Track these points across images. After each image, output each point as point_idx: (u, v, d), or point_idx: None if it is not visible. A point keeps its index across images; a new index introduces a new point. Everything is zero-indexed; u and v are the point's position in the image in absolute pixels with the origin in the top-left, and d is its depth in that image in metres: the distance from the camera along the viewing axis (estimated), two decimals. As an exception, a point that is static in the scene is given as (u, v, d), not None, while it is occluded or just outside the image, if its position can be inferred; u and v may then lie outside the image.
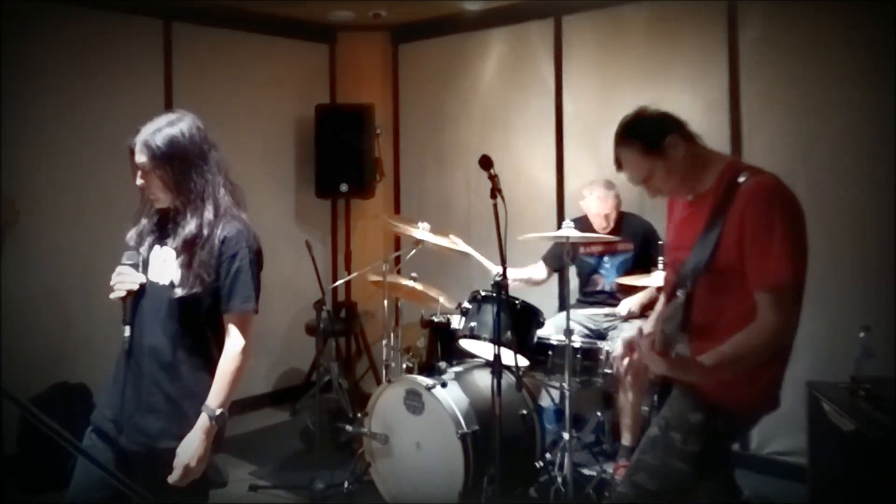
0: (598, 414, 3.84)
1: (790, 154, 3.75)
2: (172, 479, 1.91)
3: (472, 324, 3.41)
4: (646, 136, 2.06)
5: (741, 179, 1.98)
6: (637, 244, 3.89)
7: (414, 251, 3.89)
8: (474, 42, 5.06)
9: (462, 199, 5.11)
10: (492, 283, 3.08)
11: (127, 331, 2.02)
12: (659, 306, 2.38)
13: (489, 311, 3.31)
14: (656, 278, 3.48)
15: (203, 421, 1.94)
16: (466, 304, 3.50)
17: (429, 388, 3.19)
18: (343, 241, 5.44)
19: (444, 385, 3.23)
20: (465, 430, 3.09)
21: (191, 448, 1.92)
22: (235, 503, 3.58)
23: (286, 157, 5.32)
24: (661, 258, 3.31)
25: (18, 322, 3.90)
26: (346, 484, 3.55)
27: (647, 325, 2.42)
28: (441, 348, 3.74)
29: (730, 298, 1.99)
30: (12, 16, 3.91)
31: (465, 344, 3.57)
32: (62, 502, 2.02)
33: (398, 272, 4.17)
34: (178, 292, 1.97)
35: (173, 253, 2.01)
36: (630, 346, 2.18)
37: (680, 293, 1.76)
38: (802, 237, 1.96)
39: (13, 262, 3.94)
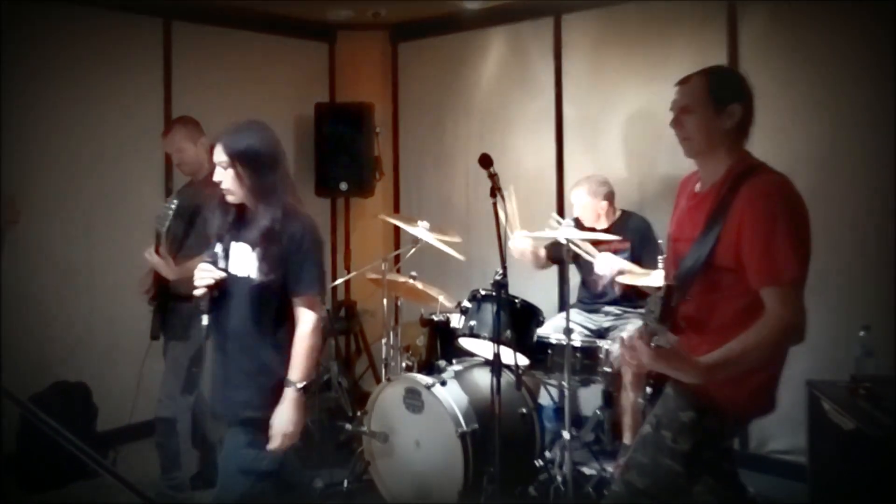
0: (598, 412, 3.84)
1: (790, 154, 3.72)
2: (272, 446, 2.23)
3: (472, 322, 3.41)
4: (721, 87, 2.11)
5: (746, 177, 1.98)
6: (634, 243, 3.86)
7: (413, 249, 3.89)
8: (474, 41, 5.06)
9: (462, 197, 5.10)
10: (491, 281, 3.08)
11: (205, 320, 2.32)
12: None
13: (489, 310, 3.31)
14: (655, 278, 3.46)
15: (289, 392, 2.25)
16: (466, 303, 3.50)
17: (428, 387, 3.19)
18: (342, 240, 5.44)
19: (443, 384, 3.23)
20: (465, 428, 3.10)
21: (283, 417, 2.24)
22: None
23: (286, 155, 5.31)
24: (659, 257, 3.30)
25: (18, 321, 3.90)
26: (345, 483, 3.55)
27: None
28: (440, 347, 3.74)
29: (725, 297, 2.00)
30: (12, 16, 3.90)
31: (465, 342, 3.57)
32: (62, 502, 2.03)
33: (398, 271, 4.17)
34: (254, 282, 2.27)
35: (248, 247, 2.30)
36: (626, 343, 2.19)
37: (660, 287, 1.79)
38: (806, 236, 1.97)
39: (14, 262, 3.93)
